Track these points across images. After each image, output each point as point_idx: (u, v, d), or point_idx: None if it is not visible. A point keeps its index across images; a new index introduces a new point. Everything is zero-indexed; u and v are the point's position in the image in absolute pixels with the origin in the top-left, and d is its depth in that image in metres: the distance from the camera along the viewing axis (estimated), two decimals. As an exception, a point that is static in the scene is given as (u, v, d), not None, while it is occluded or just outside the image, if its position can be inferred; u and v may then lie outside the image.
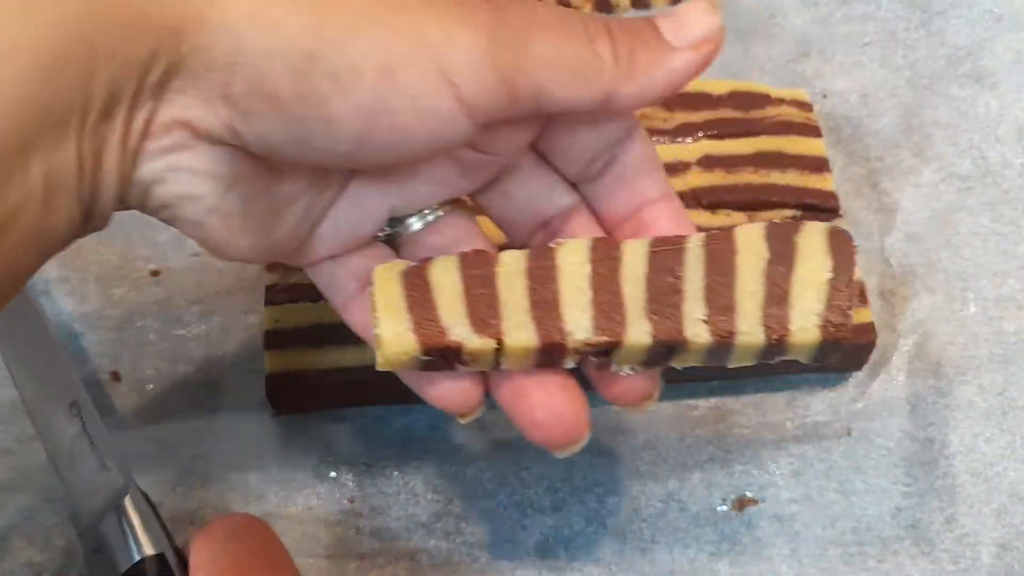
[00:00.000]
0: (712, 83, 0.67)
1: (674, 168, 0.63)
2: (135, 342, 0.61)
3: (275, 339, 0.58)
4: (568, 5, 0.74)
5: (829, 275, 0.44)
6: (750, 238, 0.44)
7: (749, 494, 0.59)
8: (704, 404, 0.62)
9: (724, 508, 0.59)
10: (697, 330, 0.43)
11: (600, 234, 0.47)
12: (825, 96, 0.71)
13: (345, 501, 0.57)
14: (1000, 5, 0.74)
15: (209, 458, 0.59)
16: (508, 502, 0.58)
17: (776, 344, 0.43)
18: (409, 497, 0.58)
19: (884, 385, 0.62)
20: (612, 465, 0.59)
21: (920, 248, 0.66)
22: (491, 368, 0.44)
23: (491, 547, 0.57)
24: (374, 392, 0.59)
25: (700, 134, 0.65)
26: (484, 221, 0.59)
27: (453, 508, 0.58)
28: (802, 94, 0.68)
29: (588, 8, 0.74)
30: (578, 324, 0.43)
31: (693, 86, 0.65)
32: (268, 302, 0.59)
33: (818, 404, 0.62)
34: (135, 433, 0.59)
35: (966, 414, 0.61)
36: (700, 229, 0.60)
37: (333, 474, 0.58)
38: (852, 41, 0.73)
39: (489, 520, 0.58)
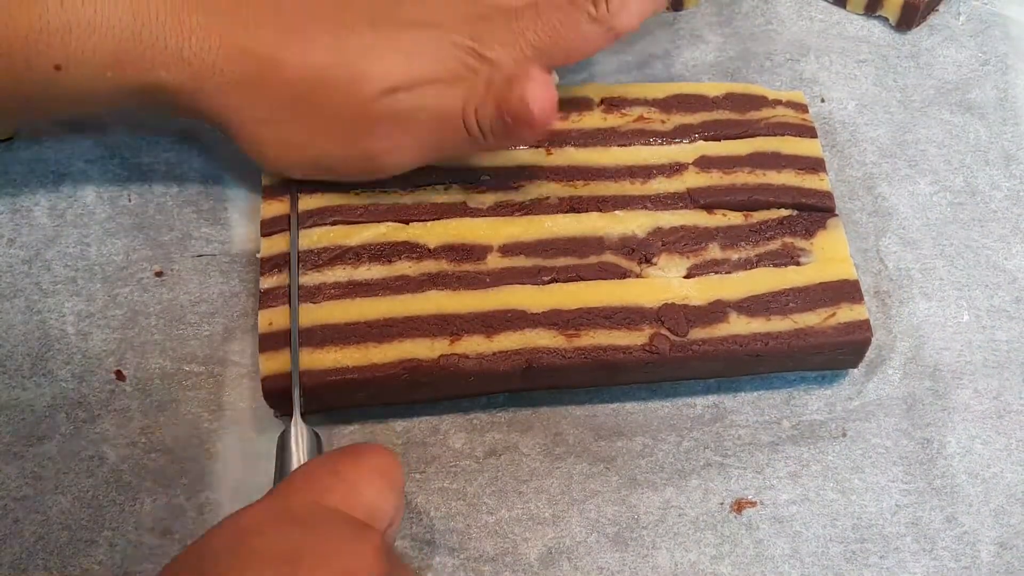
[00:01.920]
0: (708, 85, 0.69)
1: (671, 169, 0.64)
2: (139, 342, 0.61)
3: (270, 342, 0.58)
4: None
5: None
6: None
7: (747, 497, 0.59)
8: (702, 403, 0.62)
9: (723, 511, 0.59)
10: None
11: None
12: (823, 100, 0.73)
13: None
14: (986, 51, 0.76)
15: (214, 459, 0.59)
16: (509, 516, 0.58)
17: None
18: (412, 516, 0.58)
19: (880, 385, 0.63)
20: (609, 475, 0.60)
21: (916, 254, 0.68)
22: None
23: (495, 561, 0.57)
24: (373, 393, 0.59)
25: (696, 135, 0.66)
26: (481, 223, 0.62)
27: (456, 524, 0.58)
28: (798, 95, 0.69)
29: None
30: None
31: (690, 88, 0.68)
32: (262, 305, 0.59)
33: (815, 403, 0.63)
34: (138, 433, 0.59)
35: (963, 416, 0.62)
36: (696, 229, 0.62)
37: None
38: (848, 55, 0.75)
39: (492, 535, 0.58)
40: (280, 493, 0.47)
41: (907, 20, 0.76)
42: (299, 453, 0.55)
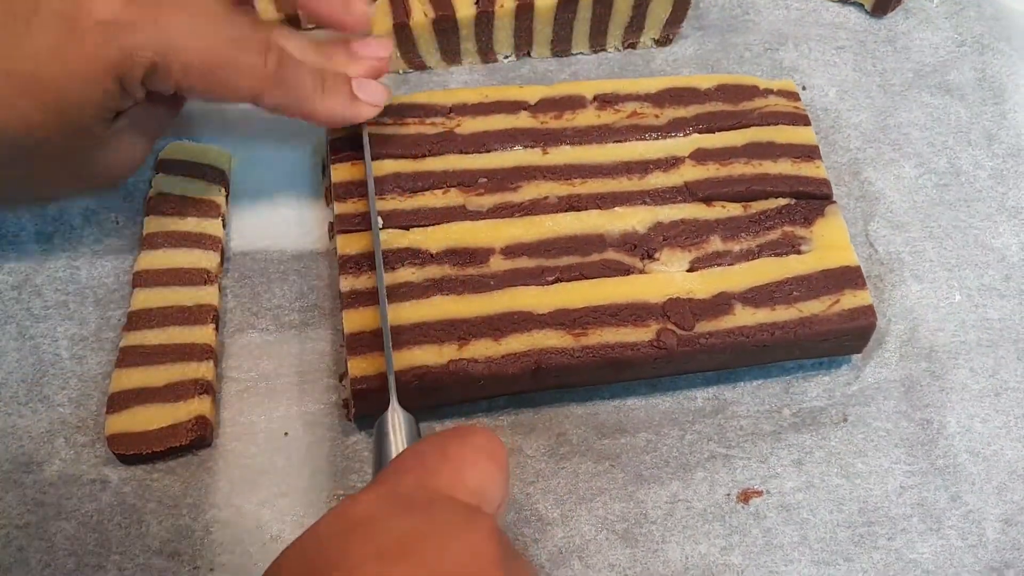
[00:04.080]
0: (699, 77, 0.69)
1: (667, 163, 0.64)
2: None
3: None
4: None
5: None
6: None
7: (753, 486, 0.60)
8: (702, 395, 0.62)
9: (730, 502, 0.59)
10: None
11: None
12: (804, 88, 0.73)
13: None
14: (962, 32, 0.77)
15: (216, 476, 0.58)
16: (518, 518, 0.58)
17: None
18: (418, 523, 0.58)
19: (877, 369, 0.64)
20: (615, 472, 0.60)
21: (905, 237, 0.68)
22: None
23: (506, 563, 0.57)
24: (384, 402, 0.58)
25: (691, 128, 0.66)
26: (482, 226, 0.62)
27: (464, 528, 0.58)
28: (789, 84, 0.69)
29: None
30: None
31: (681, 81, 0.68)
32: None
33: (814, 389, 0.63)
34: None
35: (960, 396, 0.63)
36: (696, 222, 0.62)
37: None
38: (826, 42, 0.76)
39: (502, 537, 0.58)
40: (387, 478, 0.45)
41: (882, 5, 0.77)
42: (399, 437, 0.52)
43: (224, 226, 0.65)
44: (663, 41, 0.75)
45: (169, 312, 0.61)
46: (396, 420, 0.53)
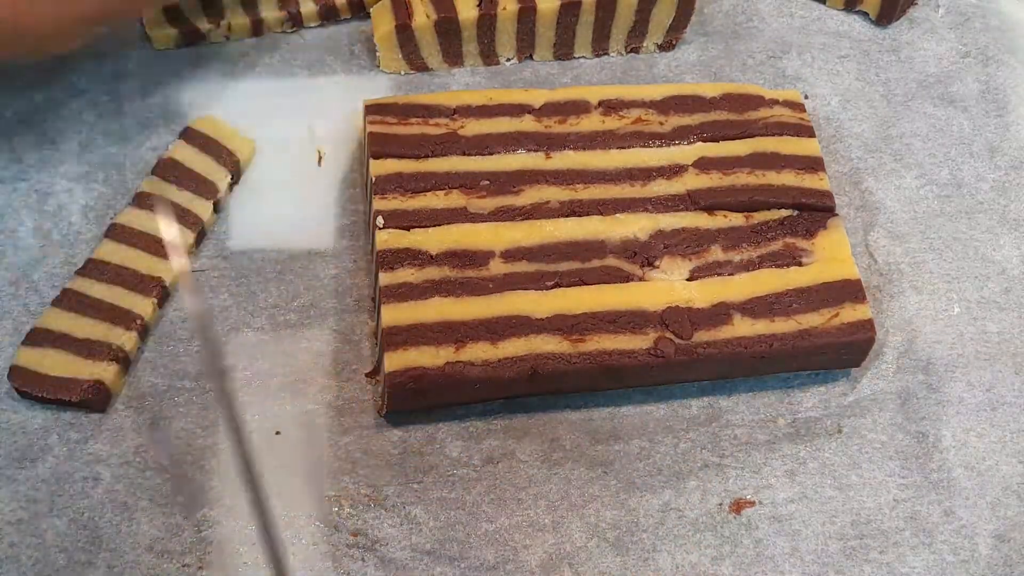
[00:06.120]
0: (706, 85, 0.68)
1: (671, 171, 0.64)
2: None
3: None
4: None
5: None
6: None
7: (745, 496, 0.59)
8: (697, 403, 0.62)
9: (722, 512, 0.59)
10: None
11: None
12: (806, 97, 0.73)
13: (349, 536, 0.57)
14: (966, 43, 0.77)
15: (209, 476, 0.58)
16: (509, 524, 0.58)
17: None
18: (412, 527, 0.58)
19: (873, 380, 0.64)
20: (607, 479, 0.60)
21: (904, 248, 0.68)
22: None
23: (496, 569, 0.57)
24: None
25: (695, 137, 0.66)
26: (483, 228, 0.61)
27: (455, 534, 0.58)
28: (795, 95, 0.69)
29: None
30: None
31: (687, 89, 0.68)
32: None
33: (809, 400, 0.63)
34: (132, 452, 0.58)
35: (957, 409, 0.63)
36: (698, 231, 0.62)
37: (336, 509, 0.58)
38: (830, 51, 0.76)
39: (492, 543, 0.58)
40: None
41: (887, 14, 0.77)
42: None
43: (216, 211, 0.65)
44: (666, 46, 0.75)
45: (123, 272, 0.62)
46: None
